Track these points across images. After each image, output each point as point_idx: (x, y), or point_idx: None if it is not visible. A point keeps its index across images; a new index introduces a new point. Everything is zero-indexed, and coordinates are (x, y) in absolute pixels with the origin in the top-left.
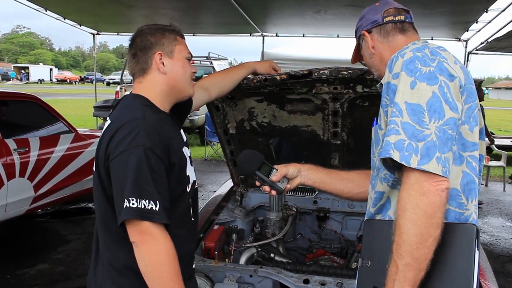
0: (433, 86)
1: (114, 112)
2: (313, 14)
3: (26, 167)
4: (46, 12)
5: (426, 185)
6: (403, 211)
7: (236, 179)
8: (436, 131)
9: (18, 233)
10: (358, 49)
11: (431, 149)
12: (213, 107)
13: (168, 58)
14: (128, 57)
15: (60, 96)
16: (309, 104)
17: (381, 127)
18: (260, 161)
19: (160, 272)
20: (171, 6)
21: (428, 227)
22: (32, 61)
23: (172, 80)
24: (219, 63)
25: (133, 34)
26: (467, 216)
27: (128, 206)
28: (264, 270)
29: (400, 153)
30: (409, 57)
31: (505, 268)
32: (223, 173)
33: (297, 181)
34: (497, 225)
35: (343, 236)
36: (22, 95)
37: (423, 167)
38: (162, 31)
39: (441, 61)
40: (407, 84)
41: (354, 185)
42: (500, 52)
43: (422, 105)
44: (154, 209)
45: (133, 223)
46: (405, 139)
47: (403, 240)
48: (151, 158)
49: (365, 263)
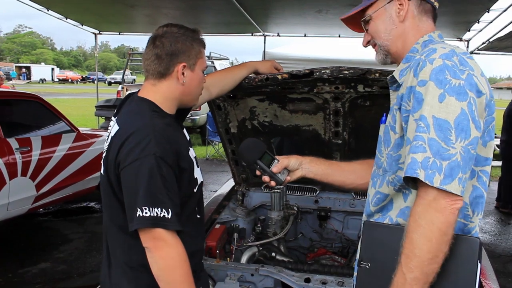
0: (462, 103)
1: (122, 117)
2: (314, 14)
3: (28, 166)
4: (48, 11)
5: (443, 203)
6: (418, 226)
7: (238, 179)
8: (461, 151)
9: (20, 232)
10: (364, 10)
11: (454, 169)
12: (215, 106)
13: (190, 70)
14: (150, 54)
15: (62, 95)
16: (311, 103)
17: (395, 130)
18: (262, 150)
19: (173, 276)
20: (173, 6)
21: (440, 244)
22: (33, 60)
23: (187, 91)
24: (220, 62)
25: (161, 31)
26: (470, 228)
27: (141, 215)
28: (265, 269)
29: (425, 172)
30: (438, 65)
31: (506, 268)
32: (224, 172)
33: (298, 174)
34: (498, 225)
35: (344, 236)
36: (24, 95)
37: (445, 187)
38: (191, 40)
39: (470, 74)
40: (435, 97)
41: (356, 177)
42: (502, 52)
43: (449, 121)
44: (166, 216)
45: (146, 230)
46: (430, 157)
47: (414, 255)
48: (162, 167)
49: (364, 265)
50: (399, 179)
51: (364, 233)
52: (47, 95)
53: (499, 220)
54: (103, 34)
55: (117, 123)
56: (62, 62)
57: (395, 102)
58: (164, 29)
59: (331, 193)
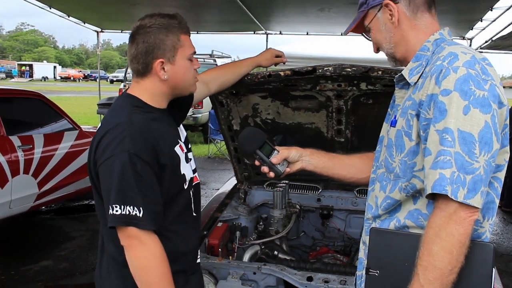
0: (486, 115)
1: (106, 113)
2: (316, 12)
3: (30, 164)
4: (50, 9)
5: (463, 215)
6: (437, 238)
7: (240, 177)
8: (484, 165)
9: (22, 230)
10: (363, 20)
11: (477, 184)
12: (218, 103)
13: (170, 63)
14: (128, 54)
15: (64, 93)
16: (313, 101)
17: (411, 137)
18: (262, 140)
19: (147, 276)
20: (175, 4)
21: (460, 255)
22: (36, 58)
23: (173, 84)
24: (222, 61)
25: (134, 27)
26: (480, 233)
27: (112, 213)
28: (267, 267)
29: (451, 187)
30: (462, 75)
31: (509, 267)
32: (226, 170)
33: (297, 166)
34: (501, 224)
35: (346, 234)
36: (27, 92)
37: (469, 201)
38: (165, 31)
39: (493, 84)
40: (460, 108)
41: (356, 171)
42: (505, 51)
43: (474, 135)
44: (138, 215)
45: (121, 228)
46: (455, 171)
47: (435, 267)
48: (137, 163)
49: (373, 272)
50: (413, 186)
51: (371, 240)
52: (49, 93)
53: (502, 219)
54: (105, 32)
55: (101, 120)
56: (64, 60)
57: (409, 104)
58: (138, 23)
59: (334, 191)
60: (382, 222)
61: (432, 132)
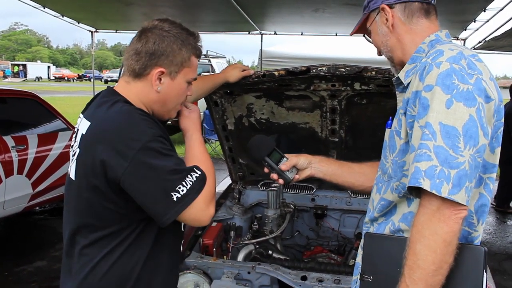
0: (471, 109)
1: (93, 112)
2: (311, 13)
3: (24, 164)
4: (44, 9)
5: (447, 213)
6: (421, 236)
7: (235, 176)
8: (469, 159)
9: (16, 230)
10: (365, 22)
11: (462, 179)
12: (212, 103)
13: (169, 78)
14: (130, 48)
15: (58, 93)
16: (307, 101)
17: (400, 135)
18: (271, 148)
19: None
20: (170, 4)
21: (445, 254)
22: (29, 58)
23: (162, 101)
24: (217, 61)
25: (151, 24)
26: (474, 237)
27: (180, 195)
28: (262, 267)
29: (431, 181)
30: (445, 70)
31: (502, 266)
32: (221, 170)
33: (306, 173)
34: (494, 223)
35: (340, 234)
36: (20, 93)
37: (453, 197)
38: (182, 44)
39: (479, 78)
40: (442, 103)
41: (365, 179)
42: (498, 51)
43: (457, 128)
44: (197, 176)
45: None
46: (437, 165)
47: (418, 266)
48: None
49: (367, 278)
50: (404, 186)
51: (365, 245)
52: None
53: (495, 219)
54: (99, 32)
55: (86, 118)
56: (58, 60)
57: (401, 105)
58: (156, 22)
59: (328, 191)
60: (379, 225)
61: (416, 128)
